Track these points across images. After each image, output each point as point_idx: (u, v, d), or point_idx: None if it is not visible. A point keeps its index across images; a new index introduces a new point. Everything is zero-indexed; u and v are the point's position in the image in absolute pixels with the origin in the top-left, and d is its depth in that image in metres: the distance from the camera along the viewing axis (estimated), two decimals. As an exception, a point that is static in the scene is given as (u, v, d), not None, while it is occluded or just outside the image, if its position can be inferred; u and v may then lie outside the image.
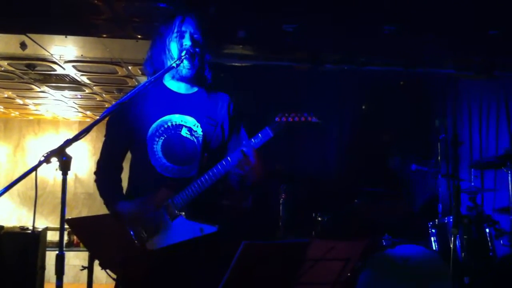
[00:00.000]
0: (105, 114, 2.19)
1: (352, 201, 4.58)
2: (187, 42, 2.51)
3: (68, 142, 1.90)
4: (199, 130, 2.53)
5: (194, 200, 2.41)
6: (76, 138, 1.94)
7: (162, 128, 2.50)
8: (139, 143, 2.52)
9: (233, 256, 1.92)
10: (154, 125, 2.50)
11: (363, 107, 5.57)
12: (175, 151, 2.50)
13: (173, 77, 2.58)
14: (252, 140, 2.41)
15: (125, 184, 2.64)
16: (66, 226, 1.91)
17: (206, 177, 2.40)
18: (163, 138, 2.50)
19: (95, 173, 2.66)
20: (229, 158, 2.39)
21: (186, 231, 2.41)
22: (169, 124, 2.51)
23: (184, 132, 2.52)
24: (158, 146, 2.50)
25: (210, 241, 2.42)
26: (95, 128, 2.11)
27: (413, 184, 5.06)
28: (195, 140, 2.52)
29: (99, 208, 8.71)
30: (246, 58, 5.41)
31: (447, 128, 5.54)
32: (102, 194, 2.59)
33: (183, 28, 2.53)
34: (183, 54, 2.47)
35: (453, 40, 4.90)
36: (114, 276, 2.47)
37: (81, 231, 2.59)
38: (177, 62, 2.44)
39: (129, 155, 2.65)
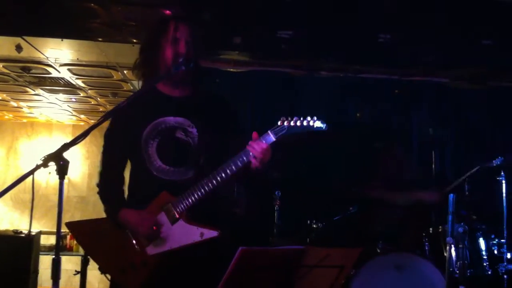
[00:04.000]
0: (103, 119, 2.18)
1: (347, 209, 4.58)
2: (181, 47, 2.51)
3: (66, 146, 1.90)
4: (194, 131, 2.52)
5: (195, 205, 2.41)
6: (74, 142, 1.94)
7: (156, 131, 2.50)
8: (135, 148, 2.51)
9: (229, 262, 1.92)
10: (148, 128, 2.50)
11: (358, 114, 5.58)
12: (170, 152, 2.49)
13: (166, 81, 2.57)
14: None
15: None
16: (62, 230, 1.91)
17: (208, 182, 2.39)
18: (157, 140, 2.50)
19: (97, 185, 2.62)
20: (233, 166, 2.38)
21: (186, 236, 2.40)
22: (163, 126, 2.51)
23: (179, 133, 2.51)
24: (153, 149, 2.49)
25: (207, 247, 2.42)
26: (89, 132, 2.09)
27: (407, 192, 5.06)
28: (191, 140, 2.51)
29: (91, 212, 8.66)
30: (242, 64, 5.42)
31: (441, 135, 5.56)
32: (105, 205, 2.57)
33: (178, 33, 2.53)
34: (178, 59, 2.48)
35: (448, 49, 4.93)
36: (109, 278, 2.48)
37: (81, 234, 2.58)
38: (174, 67, 2.44)
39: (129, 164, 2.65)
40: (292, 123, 2.36)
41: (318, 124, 2.35)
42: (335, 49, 4.99)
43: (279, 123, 2.37)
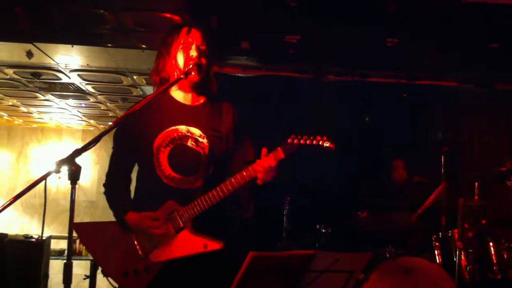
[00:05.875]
0: (115, 124, 2.19)
1: (355, 213, 4.58)
2: (193, 53, 2.53)
3: (78, 152, 1.91)
4: (204, 141, 2.54)
5: (200, 215, 2.43)
6: (86, 148, 1.95)
7: (168, 139, 2.52)
8: (145, 153, 2.52)
9: (237, 267, 1.93)
10: (160, 136, 2.51)
11: (367, 119, 5.58)
12: (181, 161, 2.51)
13: (179, 88, 2.60)
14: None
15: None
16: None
17: (215, 193, 2.42)
18: (169, 148, 2.51)
19: (104, 185, 2.64)
20: (240, 180, 2.41)
21: (190, 246, 2.42)
22: (175, 134, 2.52)
23: (190, 142, 2.53)
24: (164, 156, 2.51)
25: (213, 253, 2.43)
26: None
27: (415, 196, 5.05)
28: (201, 150, 2.53)
29: (100, 216, 8.70)
30: (250, 69, 5.44)
31: (450, 140, 5.55)
32: (111, 206, 2.58)
33: (190, 39, 2.55)
34: (190, 65, 2.50)
35: (454, 53, 4.92)
36: (116, 285, 2.48)
37: (86, 236, 2.59)
38: (186, 73, 2.46)
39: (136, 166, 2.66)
40: (301, 142, 2.39)
41: (327, 144, 2.40)
42: (343, 53, 5.00)
43: (288, 140, 2.41)
